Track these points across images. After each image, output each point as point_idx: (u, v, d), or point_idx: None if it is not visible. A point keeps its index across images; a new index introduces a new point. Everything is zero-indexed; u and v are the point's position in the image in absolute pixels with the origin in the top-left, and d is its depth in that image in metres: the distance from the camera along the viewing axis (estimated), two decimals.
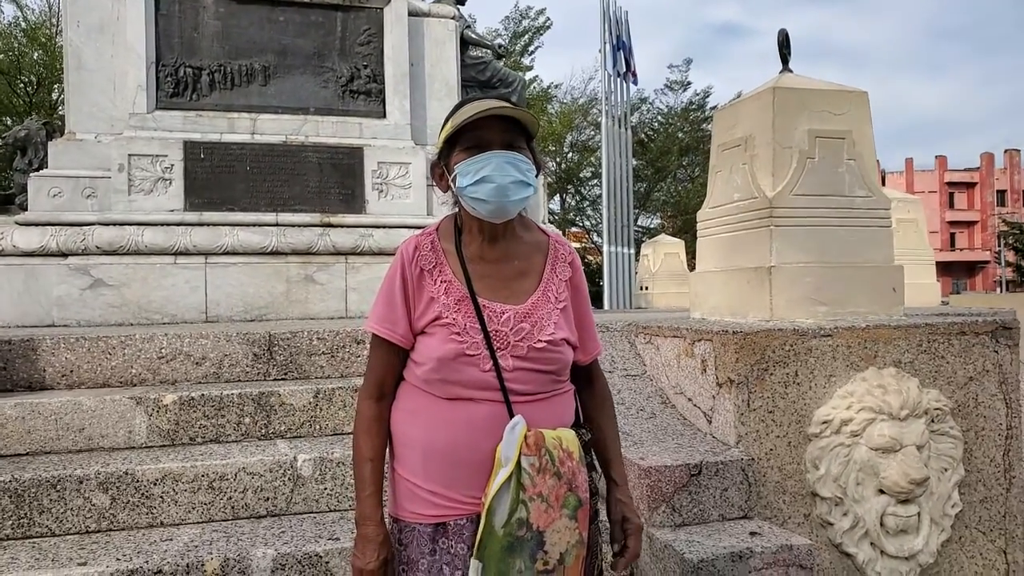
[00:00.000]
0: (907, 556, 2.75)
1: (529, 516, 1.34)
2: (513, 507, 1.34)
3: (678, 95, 26.24)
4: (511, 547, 1.34)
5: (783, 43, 3.39)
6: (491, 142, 1.41)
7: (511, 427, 1.38)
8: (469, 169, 1.41)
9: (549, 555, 1.36)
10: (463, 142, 1.43)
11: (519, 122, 1.43)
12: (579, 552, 1.39)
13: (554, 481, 1.37)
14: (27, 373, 3.17)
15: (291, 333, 3.52)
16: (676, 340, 3.20)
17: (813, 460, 2.75)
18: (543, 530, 1.35)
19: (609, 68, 16.56)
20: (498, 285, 1.48)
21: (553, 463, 1.37)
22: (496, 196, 1.41)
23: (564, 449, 1.39)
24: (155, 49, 5.38)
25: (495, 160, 1.40)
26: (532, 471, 1.35)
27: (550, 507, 1.36)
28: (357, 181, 5.70)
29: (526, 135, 1.46)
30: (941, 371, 2.93)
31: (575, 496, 1.39)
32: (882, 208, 3.19)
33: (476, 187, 1.41)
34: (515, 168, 1.41)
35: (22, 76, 18.07)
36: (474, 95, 1.54)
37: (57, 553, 2.32)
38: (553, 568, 1.37)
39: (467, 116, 1.39)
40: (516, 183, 1.41)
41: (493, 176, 1.39)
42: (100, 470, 2.55)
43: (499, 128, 1.41)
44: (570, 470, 1.39)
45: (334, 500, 2.76)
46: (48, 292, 4.87)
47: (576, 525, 1.39)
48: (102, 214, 5.10)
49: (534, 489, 1.35)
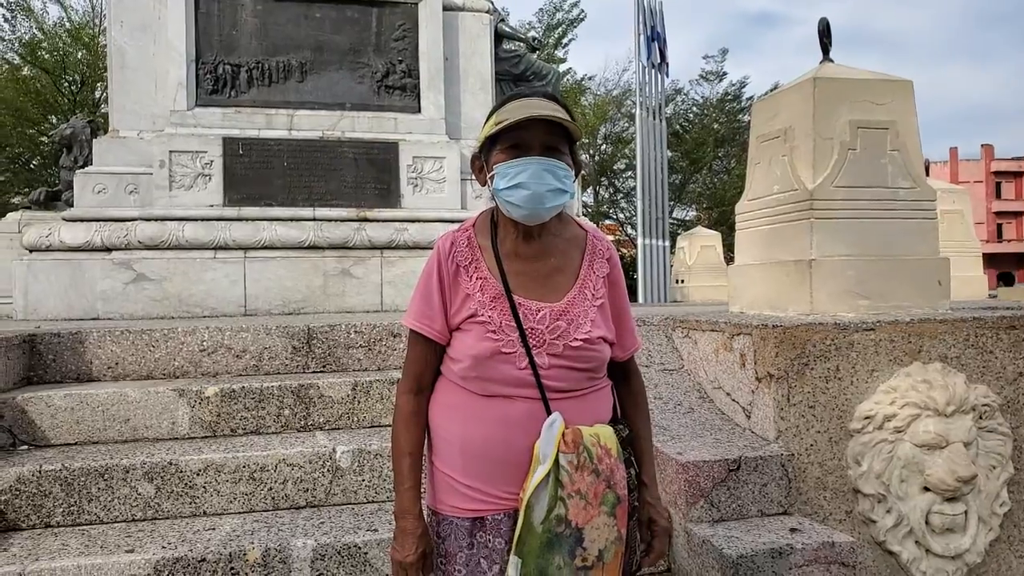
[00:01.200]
0: (954, 555, 2.68)
1: (568, 513, 1.34)
2: (552, 504, 1.34)
3: (713, 86, 25.84)
4: (550, 543, 1.35)
5: (824, 32, 3.32)
6: (531, 145, 1.40)
7: (549, 424, 1.37)
8: (507, 172, 1.40)
9: (588, 552, 1.36)
10: (504, 140, 1.42)
11: (564, 127, 1.41)
12: (618, 549, 1.39)
13: (592, 478, 1.36)
14: (75, 365, 3.27)
15: (329, 326, 3.56)
16: (714, 334, 3.16)
17: (855, 456, 2.69)
18: (582, 527, 1.35)
19: (643, 59, 16.39)
20: (534, 282, 1.47)
21: (591, 460, 1.37)
22: (531, 203, 1.40)
23: (602, 446, 1.39)
24: (195, 47, 5.48)
25: (533, 167, 1.39)
26: (570, 468, 1.35)
27: (588, 504, 1.36)
28: (392, 176, 5.74)
29: (568, 138, 1.44)
30: (989, 366, 2.85)
31: (613, 493, 1.38)
32: (927, 200, 3.11)
33: (511, 192, 1.40)
34: (552, 176, 1.40)
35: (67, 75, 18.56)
36: (520, 90, 1.52)
37: (105, 540, 2.39)
38: (592, 564, 1.36)
39: (512, 119, 1.38)
40: (552, 191, 1.40)
41: (529, 183, 1.39)
42: (145, 460, 2.61)
43: (541, 130, 1.40)
44: (608, 467, 1.39)
45: (372, 492, 2.79)
46: (93, 286, 5.01)
47: (615, 522, 1.38)
48: (144, 210, 5.22)
49: (572, 487, 1.35)
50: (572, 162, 1.46)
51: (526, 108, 1.39)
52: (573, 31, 24.18)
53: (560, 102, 1.46)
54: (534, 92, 1.48)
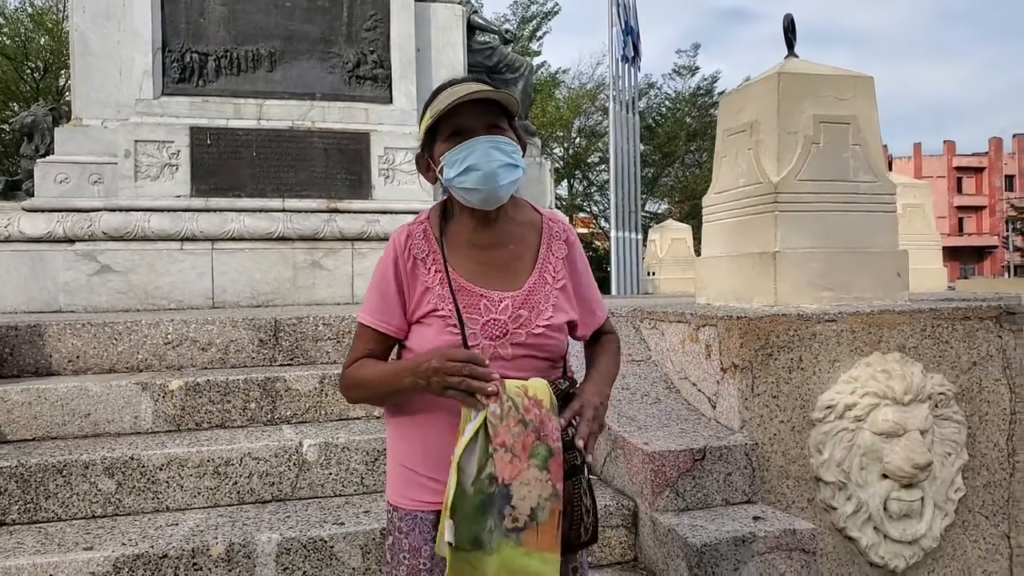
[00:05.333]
0: (910, 540, 2.76)
1: (495, 469, 1.27)
2: (482, 461, 1.28)
3: (686, 80, 26.03)
4: (483, 505, 1.28)
5: (789, 28, 3.36)
6: (473, 128, 1.39)
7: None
8: (454, 159, 1.39)
9: (518, 510, 1.27)
10: (444, 130, 1.41)
11: (499, 103, 1.41)
12: (554, 507, 1.29)
13: (519, 428, 1.29)
14: (34, 359, 3.20)
15: (297, 319, 3.53)
16: (681, 325, 3.19)
17: (817, 445, 2.75)
18: (509, 482, 1.27)
19: (617, 53, 16.44)
20: (495, 271, 1.46)
21: (517, 410, 1.30)
22: (485, 183, 1.39)
23: (530, 397, 1.31)
24: (161, 35, 5.37)
25: (480, 147, 1.38)
26: (494, 419, 1.28)
27: (515, 457, 1.28)
28: (363, 167, 5.70)
29: (507, 115, 1.43)
30: (945, 356, 2.92)
31: (544, 445, 1.30)
32: (887, 193, 3.16)
33: (464, 177, 1.39)
34: (500, 152, 1.39)
35: (29, 62, 18.10)
36: (450, 79, 1.51)
37: (63, 538, 2.35)
38: (524, 525, 1.27)
39: (445, 104, 1.37)
40: (504, 167, 1.39)
41: (479, 164, 1.38)
42: (106, 455, 2.57)
43: (479, 111, 1.39)
44: (537, 418, 1.30)
45: (339, 485, 2.78)
46: (55, 278, 4.91)
47: (548, 476, 1.29)
48: (109, 200, 5.12)
49: (498, 439, 1.27)
50: (516, 137, 1.45)
51: (457, 93, 1.38)
52: (547, 24, 24.17)
53: (489, 84, 1.45)
54: (463, 79, 1.48)
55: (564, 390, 1.43)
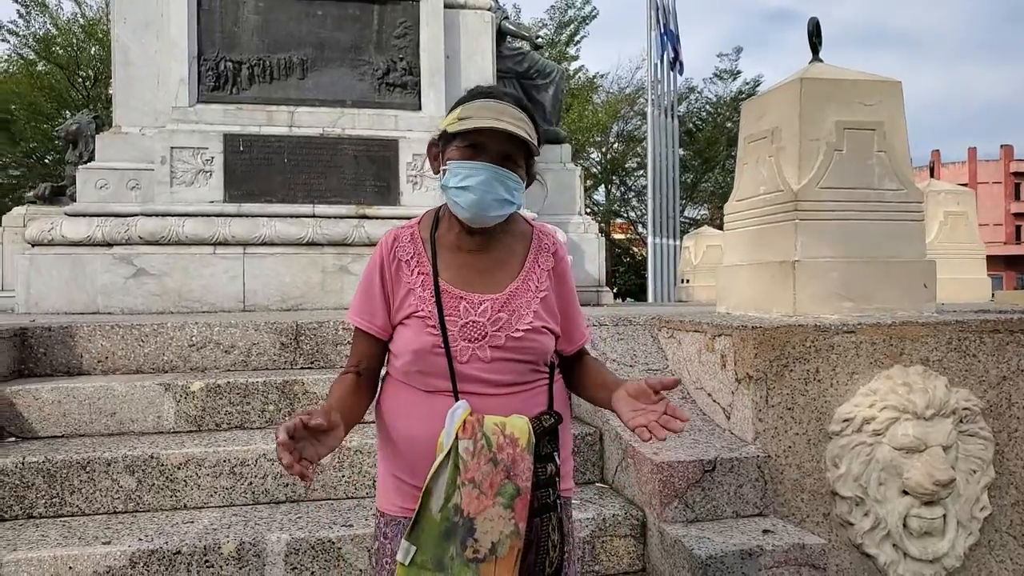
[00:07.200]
0: (931, 559, 2.67)
1: (461, 502, 1.32)
2: (450, 491, 1.32)
3: (727, 84, 25.71)
4: (447, 533, 1.33)
5: (813, 32, 3.30)
6: (488, 150, 1.40)
7: (452, 411, 1.37)
8: (459, 171, 1.41)
9: (480, 543, 1.32)
10: (463, 139, 1.42)
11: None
12: (514, 543, 1.34)
13: (489, 467, 1.33)
14: (65, 359, 3.32)
15: (318, 323, 3.59)
16: (697, 335, 3.16)
17: (833, 458, 2.69)
18: (473, 517, 1.32)
19: (656, 58, 16.34)
20: (477, 275, 1.48)
21: (489, 448, 1.34)
22: (475, 209, 1.41)
23: (507, 435, 1.35)
24: (197, 44, 5.53)
25: (485, 174, 1.39)
26: (467, 455, 1.33)
27: (482, 494, 1.32)
28: (392, 173, 5.77)
29: (527, 150, 1.44)
30: (972, 370, 2.83)
31: (513, 485, 1.34)
32: (914, 201, 3.08)
33: (459, 193, 1.41)
34: (503, 187, 1.41)
35: (80, 71, 18.76)
36: (491, 87, 1.51)
37: (84, 532, 2.43)
38: (484, 557, 1.32)
39: (471, 124, 1.38)
40: (498, 201, 1.41)
41: (478, 189, 1.39)
42: (128, 453, 2.65)
43: (501, 138, 1.39)
44: (510, 457, 1.34)
45: (351, 487, 2.82)
46: (93, 280, 5.08)
47: (512, 515, 1.34)
48: (145, 205, 5.28)
49: (467, 474, 1.32)
50: (525, 175, 1.47)
51: (491, 113, 1.39)
52: (585, 28, 24.15)
53: (528, 111, 1.45)
54: (505, 93, 1.47)
55: (547, 427, 1.43)
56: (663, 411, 1.31)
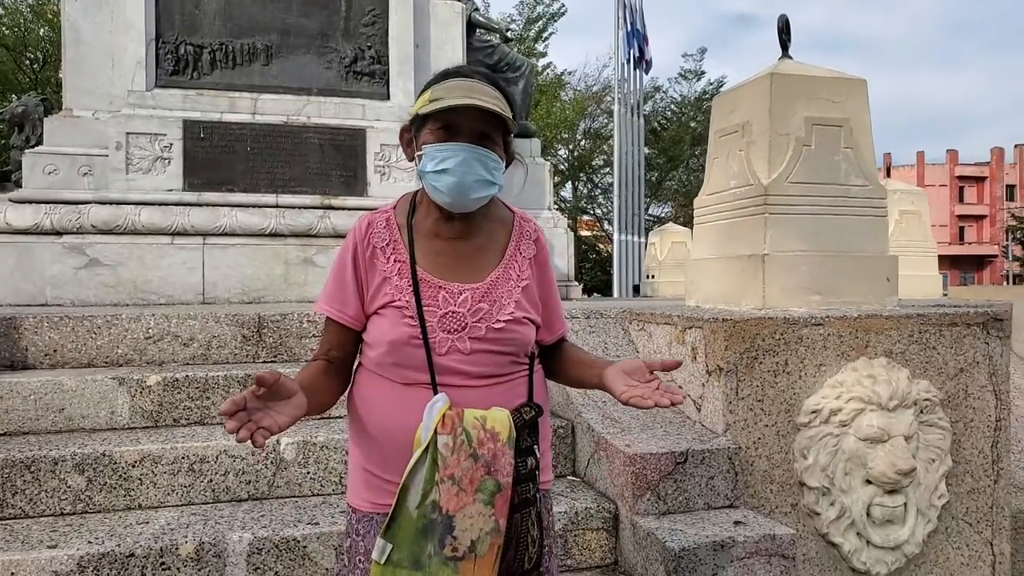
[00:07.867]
0: (893, 546, 2.71)
1: (439, 499, 1.28)
2: (427, 488, 1.28)
3: (692, 84, 26.00)
4: (425, 530, 1.28)
5: (783, 29, 3.31)
6: (464, 130, 1.34)
7: (430, 405, 1.32)
8: (435, 155, 1.35)
9: (459, 541, 1.28)
10: (436, 120, 1.36)
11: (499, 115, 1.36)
12: (494, 541, 1.31)
13: (469, 463, 1.29)
14: (8, 352, 3.15)
15: (281, 315, 3.49)
16: (668, 327, 3.15)
17: (801, 450, 2.70)
18: (452, 514, 1.28)
19: (623, 56, 16.40)
20: (456, 263, 1.42)
21: (469, 444, 1.29)
22: (456, 192, 1.35)
23: (487, 430, 1.31)
24: (155, 25, 5.33)
25: (463, 154, 1.33)
26: (446, 451, 1.28)
27: (462, 491, 1.29)
28: (359, 163, 5.66)
29: (503, 127, 1.39)
30: (932, 362, 2.88)
31: (493, 481, 1.30)
32: (878, 197, 3.12)
33: (437, 177, 1.35)
34: (482, 166, 1.35)
35: (28, 52, 18.07)
36: (460, 66, 1.45)
37: (28, 535, 2.30)
38: (463, 555, 1.29)
39: (443, 104, 1.32)
40: (479, 182, 1.36)
41: (456, 170, 1.34)
42: (76, 451, 2.53)
43: (475, 116, 1.33)
44: (490, 452, 1.31)
45: (317, 484, 2.74)
46: (42, 271, 4.87)
47: (492, 512, 1.30)
48: (98, 192, 5.08)
49: (446, 471, 1.28)
50: (504, 153, 1.41)
51: (463, 91, 1.33)
52: (553, 25, 24.14)
53: (501, 88, 1.40)
54: (474, 71, 1.42)
55: (528, 420, 1.39)
56: (655, 388, 1.34)
